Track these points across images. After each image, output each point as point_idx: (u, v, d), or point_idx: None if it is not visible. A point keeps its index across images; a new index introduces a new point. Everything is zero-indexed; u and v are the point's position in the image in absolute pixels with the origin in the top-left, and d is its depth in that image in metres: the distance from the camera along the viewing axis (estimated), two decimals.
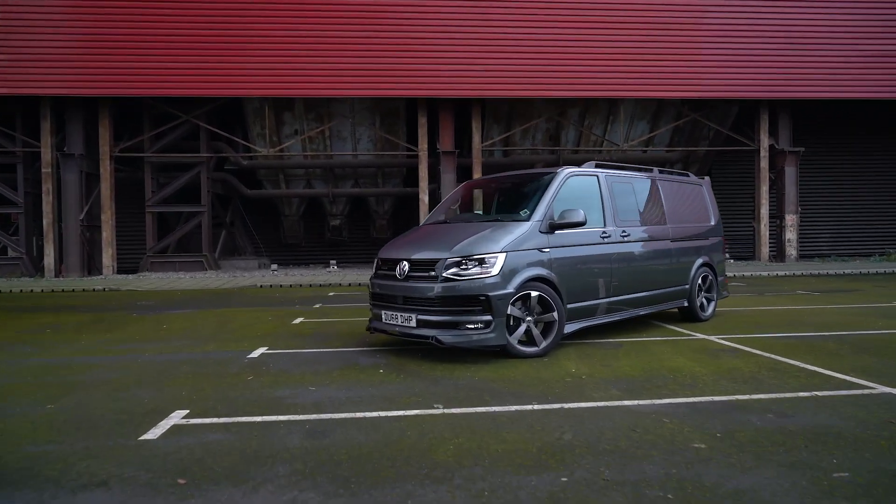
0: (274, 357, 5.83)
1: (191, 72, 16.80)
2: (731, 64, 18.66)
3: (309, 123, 19.76)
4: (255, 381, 4.81)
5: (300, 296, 12.26)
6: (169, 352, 6.23)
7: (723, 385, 4.44)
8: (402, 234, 6.76)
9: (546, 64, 18.03)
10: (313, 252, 23.34)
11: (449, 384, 4.63)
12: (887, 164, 23.69)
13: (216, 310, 9.96)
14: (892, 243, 23.76)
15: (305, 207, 22.17)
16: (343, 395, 4.33)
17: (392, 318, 5.76)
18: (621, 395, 4.23)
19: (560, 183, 6.13)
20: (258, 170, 20.41)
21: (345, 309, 9.82)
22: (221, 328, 7.86)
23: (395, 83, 17.62)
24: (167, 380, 4.92)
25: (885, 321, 7.56)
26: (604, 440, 3.29)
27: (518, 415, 3.79)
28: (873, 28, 18.94)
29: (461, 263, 5.40)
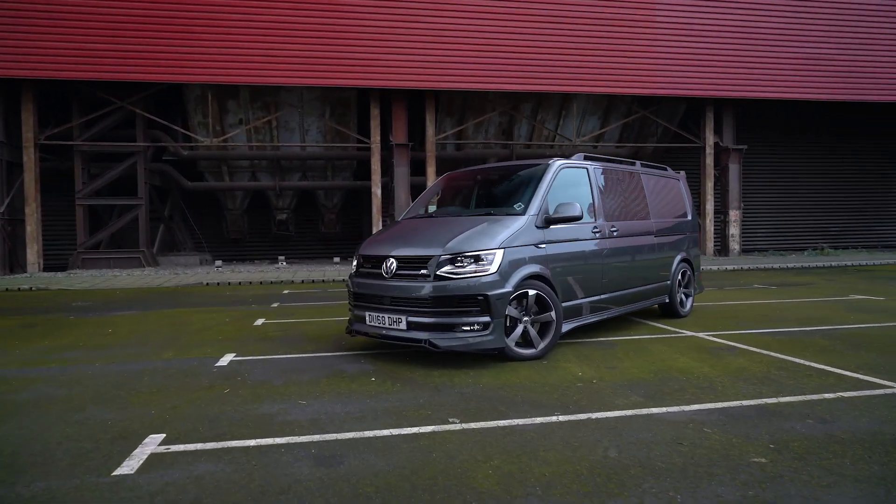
0: (246, 365, 5.26)
1: (126, 54, 15.58)
2: (679, 63, 18.97)
3: (255, 113, 18.81)
4: (233, 395, 4.26)
5: (253, 294, 11.53)
6: (122, 360, 5.54)
7: (742, 387, 4.23)
8: (383, 228, 6.29)
9: (500, 57, 17.77)
10: (258, 248, 22.36)
11: (453, 393, 4.22)
12: (822, 164, 24.83)
13: (165, 311, 9.16)
14: (824, 239, 24.96)
15: (250, 201, 21.16)
16: (341, 410, 3.85)
17: (378, 320, 5.29)
18: (644, 401, 3.94)
19: (553, 175, 5.81)
20: (199, 161, 19.30)
21: (306, 308, 9.23)
22: (176, 332, 7.15)
23: (347, 73, 16.94)
24: (129, 395, 4.29)
25: (855, 315, 7.65)
26: (655, 457, 2.97)
27: (546, 429, 3.43)
28: (814, 32, 19.67)
29: (456, 260, 5.00)
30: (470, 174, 6.77)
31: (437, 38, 17.32)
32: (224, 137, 18.32)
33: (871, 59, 20.09)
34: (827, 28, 19.77)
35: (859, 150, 25.20)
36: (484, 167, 6.74)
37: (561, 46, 18.14)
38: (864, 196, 25.62)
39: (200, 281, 13.87)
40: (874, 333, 6.31)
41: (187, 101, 17.98)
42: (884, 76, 20.22)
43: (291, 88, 18.31)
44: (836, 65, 19.89)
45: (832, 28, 19.80)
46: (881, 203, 26.01)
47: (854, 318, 7.36)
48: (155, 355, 5.76)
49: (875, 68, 20.15)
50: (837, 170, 25.12)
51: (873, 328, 6.66)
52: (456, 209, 6.35)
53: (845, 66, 19.95)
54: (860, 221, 25.67)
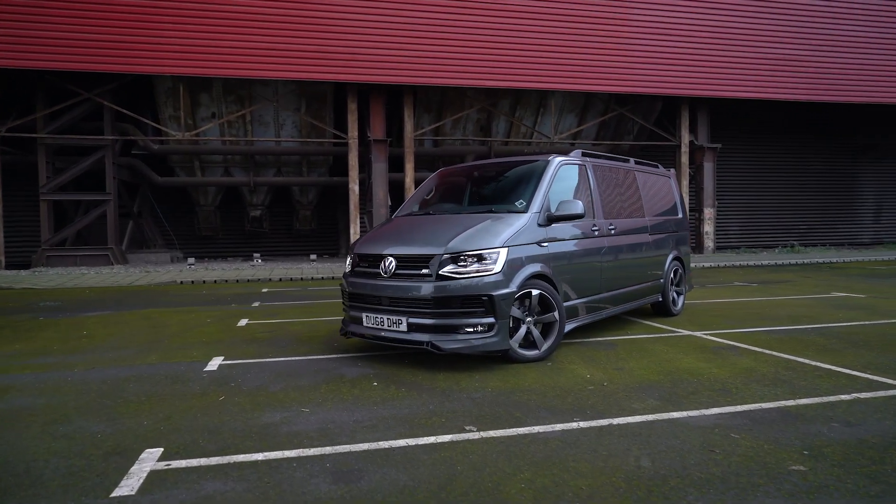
0: (237, 369, 5.00)
1: (94, 44, 14.96)
2: (655, 61, 19.07)
3: (228, 106, 18.31)
4: (230, 403, 4.01)
5: (231, 293, 11.17)
6: (103, 366, 5.22)
7: (756, 389, 4.15)
8: (377, 226, 6.07)
9: (478, 53, 17.61)
10: (231, 245, 21.83)
11: (463, 398, 4.05)
12: (791, 163, 25.32)
13: (140, 311, 8.78)
14: (794, 237, 25.48)
15: (223, 197, 20.63)
16: (348, 418, 3.64)
17: (376, 321, 5.08)
18: (662, 405, 3.83)
19: (554, 171, 5.67)
20: (170, 155, 18.73)
21: (290, 308, 8.94)
22: (156, 334, 6.82)
23: (324, 66, 16.57)
24: (116, 405, 4.01)
25: (843, 312, 7.71)
26: (690, 467, 2.85)
27: (569, 436, 3.28)
28: (786, 33, 19.99)
29: (458, 259, 4.82)
30: (465, 170, 6.59)
31: (416, 34, 17.08)
32: (196, 131, 17.79)
33: (839, 62, 20.52)
34: (798, 30, 20.11)
35: (827, 150, 25.79)
36: (480, 163, 6.57)
37: (539, 43, 18.07)
38: (832, 195, 26.23)
39: (174, 279, 13.42)
40: (868, 331, 6.34)
41: (158, 93, 17.40)
42: (851, 78, 20.67)
43: (266, 82, 17.88)
44: (806, 66, 20.26)
45: (803, 30, 20.15)
46: (847, 202, 26.67)
47: (843, 316, 7.41)
48: (138, 359, 5.45)
49: (842, 70, 20.58)
50: (806, 169, 25.66)
51: (865, 326, 6.70)
52: (452, 206, 6.16)
53: (815, 68, 20.33)
54: (828, 220, 26.28)
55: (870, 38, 20.75)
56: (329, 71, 16.61)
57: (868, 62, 20.80)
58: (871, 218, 27.33)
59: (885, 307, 8.13)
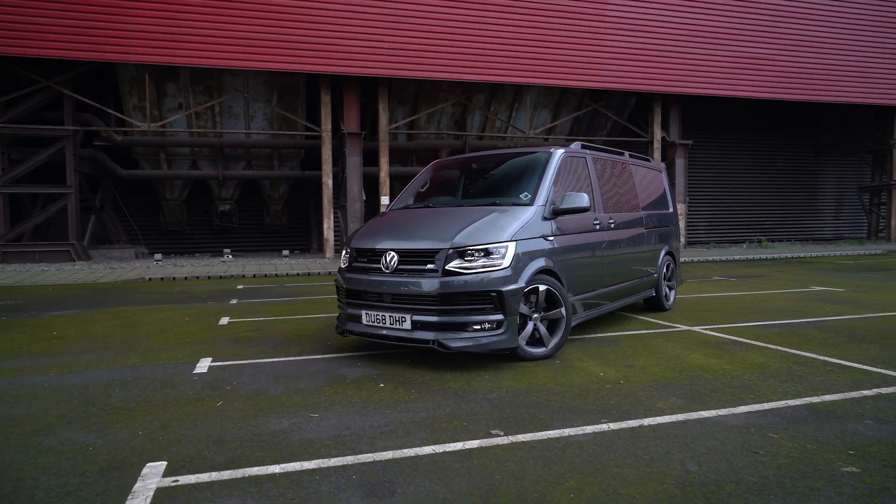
0: (230, 371, 4.70)
1: (53, 29, 14.23)
2: (629, 58, 19.15)
3: (196, 97, 17.71)
4: (230, 409, 3.73)
5: (205, 290, 10.74)
6: (80, 369, 4.85)
7: (776, 386, 4.06)
8: (373, 220, 5.80)
9: (454, 46, 17.39)
10: (199, 240, 21.19)
11: (479, 400, 3.85)
12: (758, 160, 25.83)
13: (111, 309, 8.33)
14: (760, 232, 26.03)
15: (190, 191, 20.01)
16: (363, 424, 3.41)
17: (377, 319, 4.84)
18: (687, 403, 3.70)
19: (557, 163, 5.51)
20: (135, 147, 18.04)
21: (271, 305, 8.61)
22: (132, 334, 6.43)
23: (296, 57, 16.11)
24: (104, 413, 3.68)
25: (830, 306, 7.77)
26: (740, 470, 2.70)
27: (603, 439, 3.11)
28: (755, 32, 20.31)
29: (466, 254, 4.61)
30: (463, 162, 6.38)
31: (392, 25, 16.75)
32: (162, 123, 17.15)
33: (804, 61, 20.95)
34: (767, 29, 20.46)
35: (791, 148, 26.41)
36: (477, 155, 6.37)
37: (514, 38, 17.93)
38: (796, 192, 26.88)
39: (142, 276, 12.87)
40: (860, 325, 6.36)
41: (121, 82, 16.71)
42: (816, 78, 21.12)
43: (236, 72, 17.34)
44: (774, 65, 20.64)
45: (771, 30, 20.51)
46: (810, 199, 27.37)
47: (831, 310, 7.46)
48: (118, 362, 5.10)
49: (808, 70, 21.03)
50: (772, 166, 26.22)
51: (855, 319, 6.73)
52: (451, 199, 5.94)
53: (782, 67, 20.72)
54: (792, 216, 26.92)
55: (833, 40, 21.24)
56: (302, 62, 16.17)
57: (831, 63, 21.29)
58: (832, 214, 28.12)
59: (866, 301, 8.23)
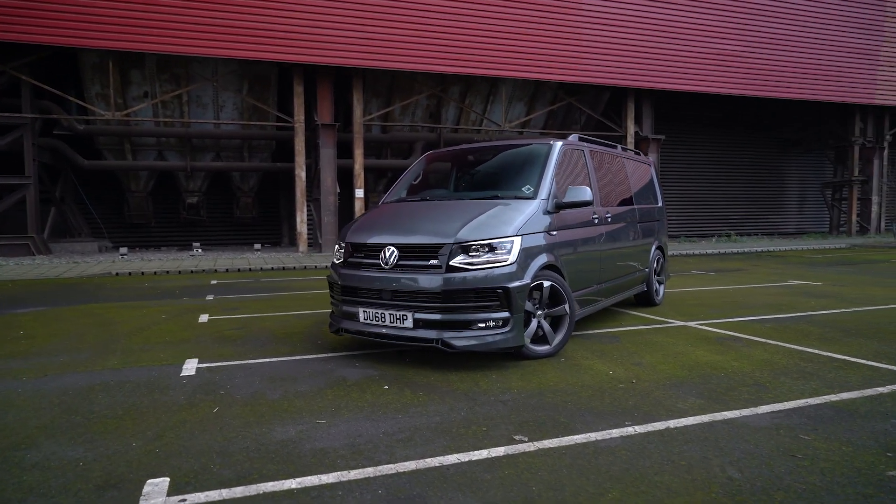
0: (220, 374, 4.43)
1: (9, 11, 13.49)
2: (604, 52, 19.17)
3: (162, 85, 17.07)
4: (227, 415, 3.48)
5: (177, 286, 10.32)
6: (56, 372, 4.51)
7: (790, 384, 4.00)
8: (366, 213, 5.56)
9: (429, 38, 17.12)
10: (165, 234, 20.52)
11: (491, 402, 3.68)
12: (725, 156, 26.26)
13: (80, 307, 7.90)
14: (728, 226, 26.50)
15: (156, 182, 19.31)
16: (375, 431, 3.20)
17: (376, 317, 4.63)
18: (706, 403, 3.59)
19: (558, 156, 5.36)
20: (97, 137, 17.31)
21: (250, 302, 8.29)
22: (107, 333, 6.07)
23: (268, 46, 15.62)
24: (90, 422, 3.39)
25: (814, 300, 7.84)
26: (784, 476, 2.59)
27: (632, 444, 2.98)
28: (725, 29, 20.55)
29: (470, 249, 4.43)
30: (459, 154, 6.18)
31: (366, 14, 16.39)
32: (127, 111, 16.47)
33: (771, 59, 21.30)
34: (736, 27, 20.70)
35: (757, 144, 26.94)
36: (472, 147, 6.18)
37: (490, 30, 17.76)
38: (762, 187, 27.44)
39: (108, 270, 12.33)
40: (849, 319, 6.40)
41: (83, 68, 15.98)
42: (782, 75, 21.50)
43: (205, 60, 16.77)
44: (742, 62, 20.92)
45: (740, 27, 20.76)
46: (775, 194, 27.99)
47: (816, 304, 7.51)
48: (97, 364, 4.77)
49: (775, 67, 21.39)
50: (739, 162, 26.70)
51: (843, 314, 6.77)
52: (448, 192, 5.74)
53: (751, 64, 21.02)
54: (758, 210, 27.49)
55: (798, 38, 21.64)
56: (273, 50, 15.70)
57: (797, 61, 21.70)
58: (796, 209, 28.82)
59: (847, 294, 8.34)
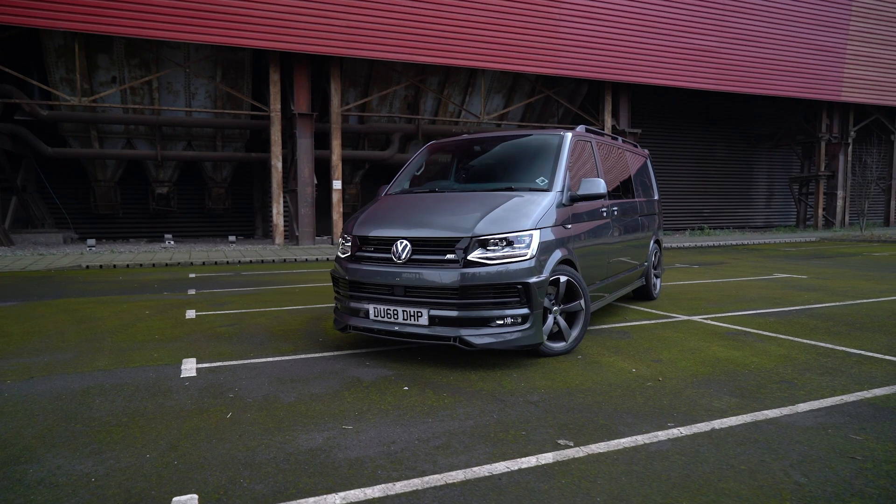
0: (224, 375, 4.16)
1: None
2: (582, 45, 19.12)
3: (132, 71, 16.41)
4: (243, 422, 3.23)
5: (155, 279, 9.89)
6: (42, 374, 4.18)
7: (818, 380, 3.93)
8: (370, 205, 5.31)
9: (408, 27, 16.80)
10: (134, 224, 19.83)
11: (521, 403, 3.51)
12: (698, 150, 26.61)
13: (53, 301, 7.47)
14: (701, 220, 26.89)
15: (124, 171, 18.61)
16: (409, 437, 3.00)
17: (388, 314, 4.40)
18: (742, 402, 3.48)
19: (570, 147, 5.21)
20: (62, 123, 16.58)
21: (236, 296, 7.96)
22: (90, 331, 5.71)
23: (243, 31, 15.10)
24: (92, 431, 3.11)
25: (806, 294, 7.88)
26: (851, 480, 2.48)
27: (683, 447, 2.84)
28: (701, 25, 20.72)
29: (489, 243, 4.24)
30: (464, 144, 5.96)
31: (345, 1, 15.98)
32: (94, 97, 15.77)
33: (745, 55, 21.55)
34: (711, 22, 20.88)
35: (728, 139, 27.36)
36: (479, 137, 5.98)
37: (470, 20, 17.53)
38: (732, 181, 27.91)
39: (77, 263, 11.79)
40: (847, 312, 6.41)
41: (47, 51, 15.23)
42: (755, 71, 21.79)
43: (176, 45, 16.18)
44: (716, 57, 21.12)
45: (715, 23, 20.94)
46: (745, 188, 28.51)
47: (809, 298, 7.55)
48: (85, 364, 4.44)
49: (748, 63, 21.65)
50: (711, 156, 27.09)
51: (839, 307, 6.79)
52: (456, 183, 5.53)
53: (723, 59, 21.23)
54: (729, 204, 27.96)
55: (770, 35, 21.95)
56: (249, 36, 15.20)
57: (768, 57, 22.01)
58: (765, 203, 29.42)
59: (835, 287, 8.42)
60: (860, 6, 23.62)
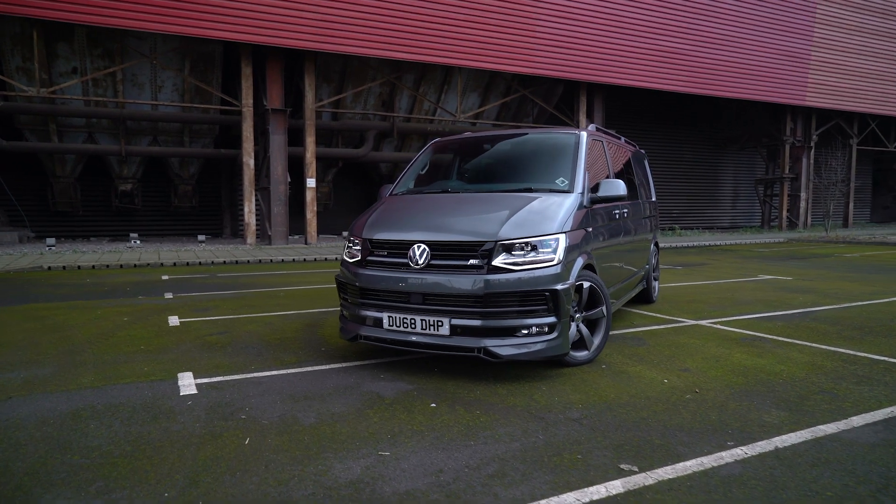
0: (228, 392, 3.80)
1: None
2: (559, 45, 19.05)
3: (94, 61, 15.62)
4: (265, 448, 2.89)
5: (124, 282, 9.33)
6: (20, 393, 3.75)
7: (857, 391, 3.80)
8: (378, 206, 4.97)
9: (385, 22, 16.41)
10: (95, 223, 18.93)
11: (564, 421, 3.26)
12: (668, 151, 26.91)
13: (18, 307, 6.91)
14: (671, 220, 27.21)
15: (85, 167, 17.73)
16: (454, 463, 2.71)
17: (404, 323, 4.10)
18: (793, 416, 3.31)
19: (587, 147, 4.99)
20: (18, 115, 15.66)
21: (219, 300, 7.52)
22: (64, 341, 5.25)
23: (214, 22, 14.48)
24: (95, 464, 2.73)
25: (801, 296, 7.86)
26: None
27: (756, 471, 2.63)
28: (673, 28, 20.89)
29: (514, 248, 3.99)
30: (470, 143, 5.69)
31: None
32: (53, 88, 14.95)
33: (715, 58, 21.82)
34: (682, 25, 21.06)
35: (696, 140, 27.77)
36: (486, 135, 5.72)
37: (447, 17, 17.26)
38: (700, 182, 28.35)
39: (38, 264, 11.08)
40: (849, 316, 6.37)
41: (2, 38, 14.35)
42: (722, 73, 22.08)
43: (142, 35, 15.44)
44: (687, 60, 21.32)
45: (686, 26, 21.13)
46: (712, 189, 29.00)
47: (804, 300, 7.52)
48: (69, 381, 4.02)
49: (718, 66, 21.94)
50: (681, 157, 27.45)
51: (838, 310, 6.75)
52: (469, 184, 5.25)
53: (693, 62, 21.44)
54: (697, 205, 28.39)
55: (738, 39, 22.28)
56: (220, 28, 14.58)
57: (736, 61, 22.32)
58: (731, 204, 29.99)
59: (824, 289, 8.44)
60: (824, 14, 24.22)
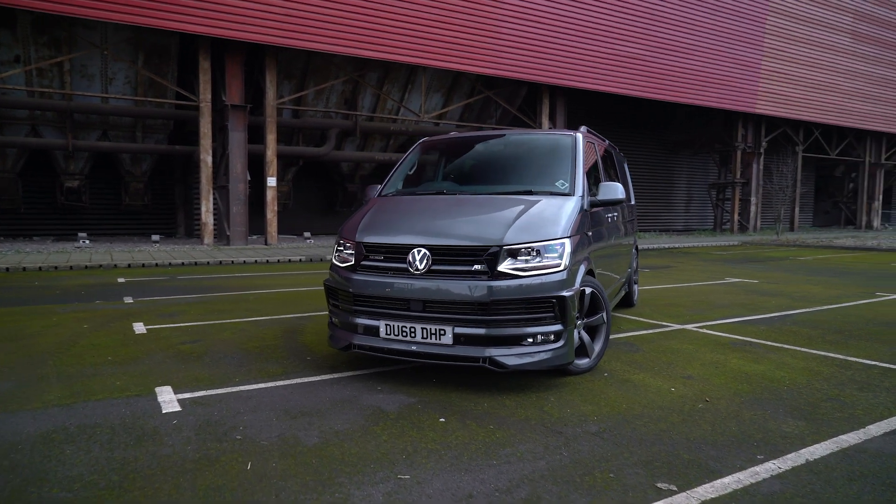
0: (214, 408, 3.49)
1: None
2: (523, 47, 19.07)
3: (39, 50, 14.75)
4: (271, 474, 2.63)
5: (78, 284, 8.76)
6: None
7: (863, 397, 3.78)
8: (369, 208, 4.71)
9: (349, 19, 16.08)
10: (39, 221, 17.92)
11: (584, 435, 3.11)
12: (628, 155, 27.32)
13: None
14: None
15: (27, 162, 16.72)
16: (481, 486, 2.52)
17: (404, 331, 3.88)
18: (812, 426, 3.25)
19: (583, 149, 4.88)
20: None
21: (184, 304, 7.10)
22: (22, 352, 4.80)
23: (170, 13, 13.85)
24: (78, 498, 2.41)
25: (773, 299, 7.98)
26: None
27: (796, 487, 2.52)
28: (632, 32, 21.23)
29: (519, 253, 3.83)
30: (461, 143, 5.50)
31: None
32: None
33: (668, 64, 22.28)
34: (640, 31, 21.41)
35: (651, 144, 28.36)
36: (478, 135, 5.54)
37: (411, 15, 17.04)
38: (656, 185, 28.95)
39: None
40: (826, 319, 6.46)
41: None
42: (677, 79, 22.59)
43: (92, 24, 14.66)
44: (644, 65, 21.70)
45: (643, 32, 21.49)
46: (667, 192, 29.66)
47: (777, 303, 7.63)
48: (34, 398, 3.63)
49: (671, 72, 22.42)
50: (638, 161, 27.91)
51: (813, 313, 6.85)
52: (464, 185, 5.05)
53: (650, 68, 21.84)
54: (652, 208, 28.96)
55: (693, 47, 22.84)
56: (176, 19, 13.97)
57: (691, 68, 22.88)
58: (684, 207, 30.75)
59: (793, 293, 8.60)
60: (773, 25, 25.08)
